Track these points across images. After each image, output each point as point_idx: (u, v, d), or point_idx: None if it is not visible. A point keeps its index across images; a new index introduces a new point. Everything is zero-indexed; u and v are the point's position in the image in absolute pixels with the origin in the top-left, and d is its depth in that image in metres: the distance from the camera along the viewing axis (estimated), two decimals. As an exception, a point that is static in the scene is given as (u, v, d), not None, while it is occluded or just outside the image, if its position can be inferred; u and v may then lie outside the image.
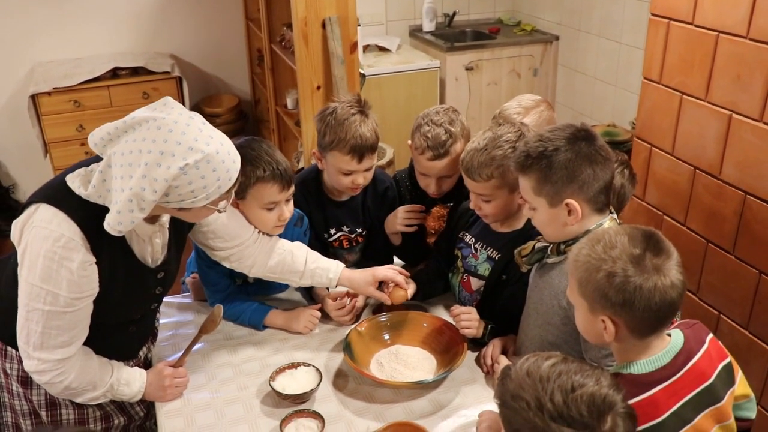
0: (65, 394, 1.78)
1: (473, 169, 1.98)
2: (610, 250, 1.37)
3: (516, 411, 1.18)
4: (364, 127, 2.19)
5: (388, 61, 4.81)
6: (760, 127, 2.15)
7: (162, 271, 1.87)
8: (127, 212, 1.54)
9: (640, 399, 1.37)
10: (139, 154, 1.53)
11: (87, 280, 1.66)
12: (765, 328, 2.27)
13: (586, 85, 4.83)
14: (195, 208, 1.64)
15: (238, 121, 5.08)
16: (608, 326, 1.39)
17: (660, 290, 1.34)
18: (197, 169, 1.55)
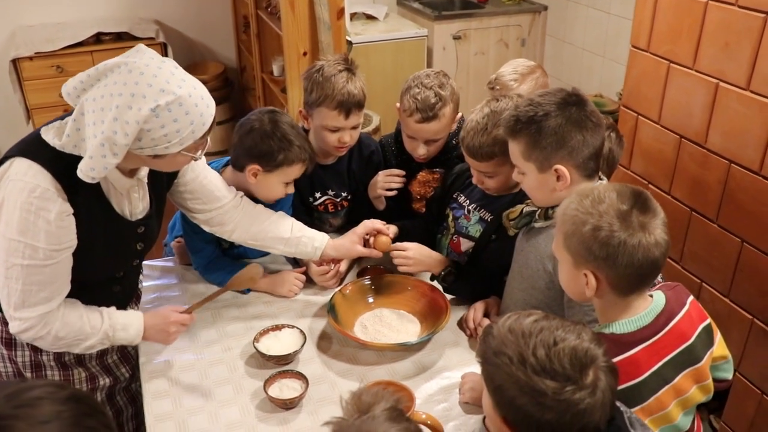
0: (60, 346, 1.75)
1: (476, 150, 1.97)
2: (598, 205, 1.38)
3: (498, 367, 1.18)
4: (351, 84, 2.19)
5: (376, 29, 4.77)
6: (747, 95, 2.14)
7: (142, 226, 1.85)
8: (100, 157, 1.52)
9: (621, 358, 1.39)
10: (111, 98, 1.52)
11: (65, 231, 1.64)
12: (745, 296, 2.29)
13: (574, 56, 4.82)
14: (169, 154, 1.61)
15: (223, 89, 5.03)
16: (590, 281, 1.40)
17: (644, 247, 1.36)
18: (169, 111, 1.53)
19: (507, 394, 1.16)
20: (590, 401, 1.13)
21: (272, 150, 2.05)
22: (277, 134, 2.06)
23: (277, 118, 2.10)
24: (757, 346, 2.27)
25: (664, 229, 1.39)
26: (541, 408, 1.13)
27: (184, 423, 1.72)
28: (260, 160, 2.07)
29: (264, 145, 2.06)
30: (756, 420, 2.33)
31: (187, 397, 1.80)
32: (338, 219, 2.50)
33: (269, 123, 2.08)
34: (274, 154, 2.06)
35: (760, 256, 2.18)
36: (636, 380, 1.40)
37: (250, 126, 2.09)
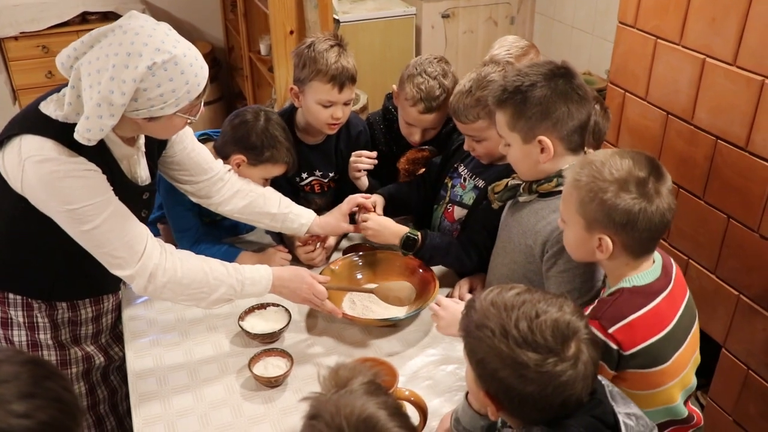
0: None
1: (460, 112, 1.98)
2: (617, 173, 1.42)
3: (481, 340, 1.18)
4: (344, 58, 2.19)
5: (364, 7, 4.72)
6: (733, 71, 2.14)
7: (147, 192, 1.88)
8: (96, 118, 1.52)
9: (646, 310, 1.43)
10: (106, 59, 1.52)
11: (102, 182, 1.67)
12: (731, 272, 2.29)
13: (563, 34, 4.79)
14: (165, 116, 1.61)
15: (211, 69, 4.92)
16: (605, 244, 1.44)
17: (660, 212, 1.41)
18: (165, 70, 1.53)
19: (489, 366, 1.16)
20: (572, 373, 1.13)
21: (262, 145, 2.11)
22: (270, 132, 2.12)
23: (271, 117, 2.17)
24: (743, 322, 2.28)
25: (672, 194, 1.45)
26: (523, 380, 1.13)
27: (169, 403, 1.73)
28: (248, 152, 2.11)
29: (256, 139, 2.11)
30: (742, 395, 2.34)
31: (172, 377, 1.81)
32: (324, 199, 2.49)
33: (264, 120, 2.13)
34: (262, 150, 2.11)
35: (746, 232, 2.18)
36: (663, 332, 1.43)
37: (244, 118, 2.14)
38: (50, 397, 0.97)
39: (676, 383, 1.50)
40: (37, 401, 0.94)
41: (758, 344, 2.23)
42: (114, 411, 2.12)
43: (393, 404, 1.09)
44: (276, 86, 3.65)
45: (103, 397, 2.06)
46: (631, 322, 1.40)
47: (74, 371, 1.96)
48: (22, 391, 0.94)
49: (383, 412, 1.04)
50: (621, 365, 1.41)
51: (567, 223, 1.52)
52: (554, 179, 1.70)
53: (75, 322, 1.95)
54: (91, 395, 2.03)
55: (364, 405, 1.04)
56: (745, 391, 2.33)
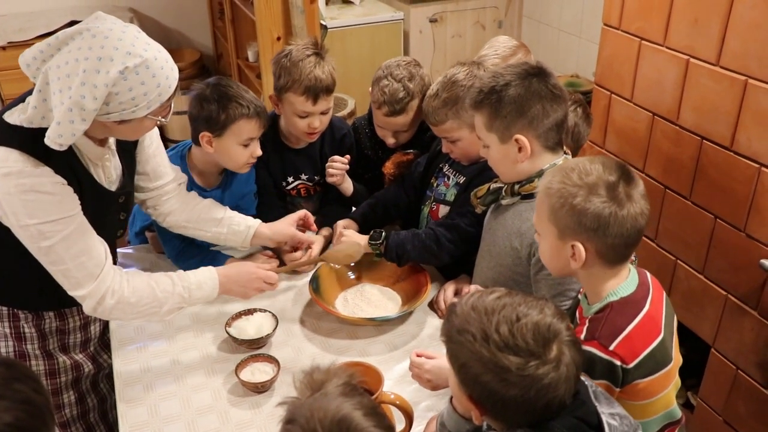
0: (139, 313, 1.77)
1: (429, 114, 2.01)
2: (586, 177, 1.40)
3: (462, 345, 1.17)
4: (319, 69, 2.17)
5: (352, 13, 4.74)
6: (717, 71, 2.15)
7: (122, 195, 1.86)
8: (68, 123, 1.51)
9: (640, 319, 1.41)
10: (77, 63, 1.50)
11: (69, 198, 1.65)
12: (719, 272, 2.30)
13: (550, 37, 4.81)
14: (136, 119, 1.61)
15: (200, 76, 4.99)
16: (578, 252, 1.41)
17: (632, 217, 1.39)
18: (137, 74, 1.53)
19: (471, 371, 1.16)
20: (554, 376, 1.13)
21: (212, 111, 2.05)
22: (215, 95, 2.06)
23: (216, 81, 2.11)
24: (731, 322, 2.28)
25: (645, 199, 1.43)
26: (506, 384, 1.13)
27: (155, 408, 1.72)
28: (206, 125, 2.07)
29: (204, 109, 2.07)
30: (732, 394, 2.34)
31: (159, 383, 1.80)
32: (311, 203, 2.49)
33: (207, 87, 2.09)
34: (214, 115, 2.05)
35: (733, 231, 2.19)
36: (660, 336, 1.43)
37: (195, 92, 2.11)
38: (18, 399, 0.97)
39: (673, 384, 1.50)
40: (4, 403, 0.94)
41: (747, 344, 2.23)
42: (104, 419, 2.10)
43: (369, 404, 1.08)
44: (264, 93, 3.66)
45: (93, 405, 2.05)
46: (629, 334, 1.39)
47: (63, 380, 1.95)
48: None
49: (358, 412, 1.04)
50: (626, 380, 1.39)
51: (541, 234, 1.51)
52: (535, 180, 1.71)
53: (63, 331, 1.94)
54: (80, 404, 2.02)
55: (339, 406, 1.04)
56: (735, 390, 2.33)
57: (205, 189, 2.23)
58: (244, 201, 2.34)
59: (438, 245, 1.99)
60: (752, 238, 2.13)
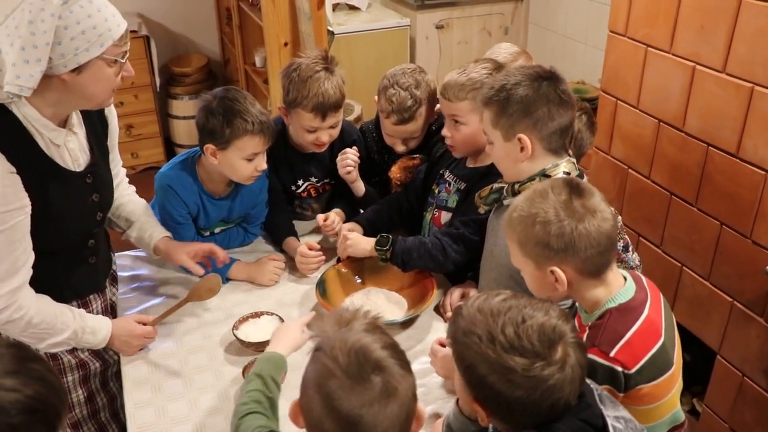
0: (29, 334, 1.73)
1: (449, 89, 2.01)
2: (540, 204, 1.42)
3: (468, 346, 1.18)
4: (328, 84, 2.17)
5: (358, 19, 4.76)
6: (723, 78, 2.16)
7: (89, 175, 1.82)
8: (23, 63, 1.51)
9: (639, 324, 1.42)
10: (22, 13, 1.51)
11: (12, 191, 1.62)
12: (725, 279, 2.30)
13: (556, 43, 4.82)
14: (92, 62, 1.59)
15: (207, 81, 5.01)
16: (558, 275, 1.42)
17: (595, 227, 1.39)
18: (81, 7, 1.54)
19: (477, 372, 1.17)
20: (559, 377, 1.14)
21: (216, 126, 2.05)
22: (220, 109, 2.05)
23: (223, 94, 2.09)
24: (737, 329, 2.28)
25: (605, 202, 1.44)
26: (511, 385, 1.14)
27: (163, 409, 1.73)
28: (211, 138, 2.07)
29: (209, 122, 2.06)
30: (737, 401, 2.35)
31: (167, 384, 1.81)
32: (320, 203, 2.52)
33: (214, 100, 2.08)
34: (219, 129, 2.05)
35: (739, 238, 2.20)
36: (661, 340, 1.43)
37: (201, 104, 2.10)
38: (34, 376, 0.99)
39: (677, 387, 1.51)
40: (22, 378, 0.97)
41: (753, 350, 2.24)
42: (116, 419, 2.09)
43: (388, 340, 1.17)
44: (271, 98, 3.68)
45: (103, 405, 2.05)
46: (629, 339, 1.39)
47: (71, 379, 1.94)
48: (8, 369, 0.97)
49: (377, 344, 1.13)
50: (629, 385, 1.39)
51: (522, 270, 1.52)
52: (536, 179, 1.72)
53: None
54: (90, 403, 2.01)
55: (360, 339, 1.14)
56: (741, 397, 2.33)
57: (213, 197, 2.23)
58: (255, 210, 2.36)
59: (444, 255, 2.01)
60: (758, 244, 2.13)
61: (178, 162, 2.22)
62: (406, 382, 1.13)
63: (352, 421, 1.08)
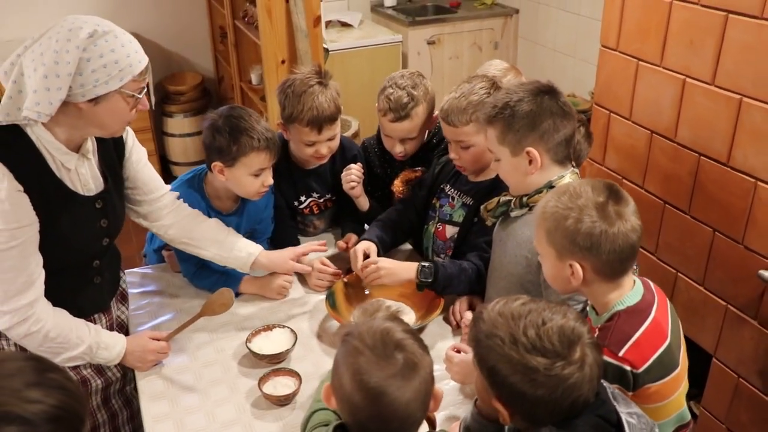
0: (46, 348, 1.77)
1: (452, 114, 2.06)
2: (576, 200, 1.48)
3: (491, 348, 1.25)
4: (323, 98, 2.23)
5: (351, 36, 4.83)
6: (712, 90, 2.23)
7: (99, 200, 1.86)
8: (44, 90, 1.56)
9: (647, 325, 1.49)
10: (48, 41, 1.58)
11: (21, 209, 1.66)
12: (719, 284, 2.36)
13: (546, 57, 4.92)
14: (110, 96, 1.64)
15: (202, 99, 5.06)
16: (576, 270, 1.49)
17: (623, 234, 1.46)
18: (106, 41, 1.60)
19: (500, 373, 1.24)
20: (579, 375, 1.20)
21: (223, 144, 2.10)
22: (227, 127, 2.09)
23: (229, 113, 2.14)
24: (732, 332, 2.35)
25: (636, 216, 1.50)
26: (534, 384, 1.21)
27: (181, 422, 1.77)
28: (218, 156, 2.12)
29: (216, 140, 2.11)
30: (734, 403, 2.40)
31: (183, 398, 1.85)
32: (322, 220, 2.57)
33: (220, 118, 2.13)
34: (226, 148, 2.10)
35: (731, 244, 2.26)
36: (667, 341, 1.50)
37: (207, 123, 2.16)
38: (55, 386, 1.03)
39: (683, 386, 1.57)
40: (44, 389, 1.00)
41: (747, 352, 2.30)
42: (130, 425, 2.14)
43: (407, 327, 1.33)
44: (268, 115, 3.73)
45: (103, 422, 2.07)
46: (637, 340, 1.46)
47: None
48: (29, 381, 1.00)
49: (398, 328, 1.29)
50: (638, 384, 1.46)
51: (542, 256, 1.59)
52: (544, 191, 1.79)
53: None
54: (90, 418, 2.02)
55: (383, 324, 1.30)
56: (737, 399, 2.39)
57: (221, 213, 2.28)
58: (261, 225, 2.40)
59: (481, 279, 2.07)
60: (750, 249, 2.20)
61: (186, 180, 2.27)
62: (425, 360, 1.26)
63: (379, 392, 1.21)
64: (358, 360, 1.24)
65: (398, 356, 1.24)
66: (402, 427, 1.26)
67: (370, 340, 1.26)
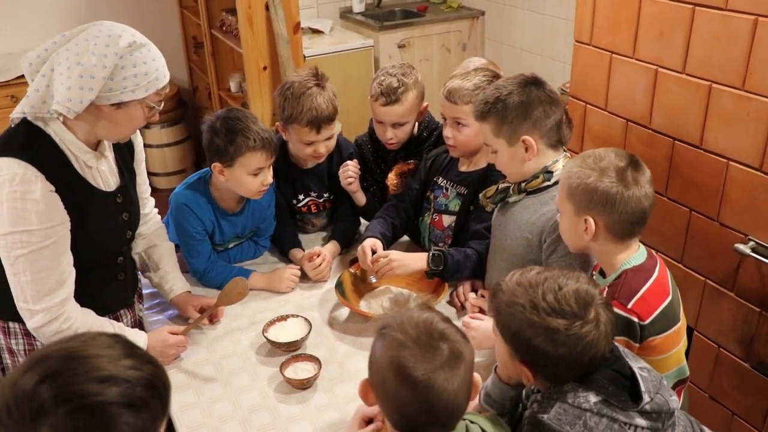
0: None
1: (456, 93, 2.18)
2: (600, 162, 1.64)
3: (513, 315, 1.37)
4: (321, 99, 2.33)
5: (323, 42, 4.93)
6: (683, 78, 2.36)
7: (120, 195, 1.95)
8: (78, 89, 1.64)
9: (651, 282, 1.64)
10: (86, 43, 1.66)
11: (54, 208, 1.73)
12: (697, 260, 2.49)
13: (513, 57, 5.06)
14: (133, 103, 1.73)
15: (178, 109, 5.10)
16: (590, 225, 1.64)
17: (636, 198, 1.62)
18: (141, 53, 1.70)
19: (524, 337, 1.36)
20: (595, 333, 1.33)
21: (221, 145, 2.18)
22: (223, 129, 2.18)
23: (225, 114, 2.23)
24: (711, 305, 2.48)
25: (651, 185, 1.67)
26: (555, 344, 1.33)
27: (208, 410, 1.85)
28: (217, 156, 2.20)
29: (213, 142, 2.20)
30: (715, 371, 2.54)
31: (207, 388, 1.93)
32: (321, 219, 2.66)
33: (218, 120, 2.22)
34: (223, 149, 2.18)
35: (707, 221, 2.39)
36: (669, 297, 1.66)
37: (205, 125, 2.25)
38: (145, 359, 1.11)
39: (683, 342, 1.72)
40: (137, 360, 1.09)
41: (726, 323, 2.43)
42: None
43: (444, 316, 1.36)
44: (252, 121, 3.80)
45: None
46: (644, 294, 1.62)
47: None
48: (123, 353, 1.08)
49: (437, 317, 1.33)
50: (644, 335, 1.61)
51: (561, 212, 1.74)
52: (540, 176, 1.92)
53: None
54: None
55: (422, 314, 1.33)
56: (718, 367, 2.53)
57: (227, 212, 2.36)
58: (265, 224, 2.49)
59: (482, 265, 2.19)
60: (725, 225, 2.32)
61: (192, 182, 2.35)
62: (467, 348, 1.30)
63: (428, 384, 1.22)
64: (402, 353, 1.24)
65: (443, 347, 1.25)
66: (450, 417, 1.28)
67: (414, 332, 1.26)
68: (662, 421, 1.36)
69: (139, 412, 1.03)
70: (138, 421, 1.02)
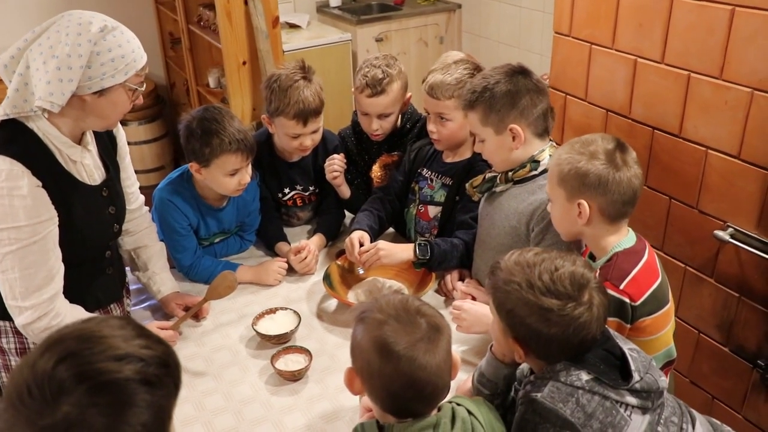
0: None
1: (438, 88, 2.19)
2: (588, 146, 1.67)
3: (509, 293, 1.40)
4: (308, 92, 2.34)
5: (301, 36, 4.93)
6: (662, 68, 2.41)
7: (105, 188, 1.93)
8: (57, 82, 1.63)
9: (642, 264, 1.67)
10: (58, 35, 1.65)
11: (41, 203, 1.72)
12: (677, 247, 2.54)
13: (490, 49, 5.09)
14: (113, 89, 1.72)
15: (155, 106, 5.07)
16: (583, 209, 1.67)
17: (627, 178, 1.66)
18: (114, 36, 1.68)
19: (518, 315, 1.39)
20: (588, 315, 1.36)
21: (196, 146, 2.18)
22: (199, 130, 2.18)
23: (202, 115, 2.22)
24: (691, 290, 2.53)
25: (638, 165, 1.71)
26: (548, 323, 1.36)
27: (201, 404, 1.86)
28: (194, 157, 2.21)
29: (189, 143, 2.20)
30: (696, 356, 2.59)
31: (198, 382, 1.93)
32: (306, 212, 2.67)
33: (194, 120, 2.21)
34: (199, 150, 2.18)
35: (686, 209, 2.44)
36: (659, 279, 1.70)
37: (182, 126, 2.24)
38: (157, 340, 1.12)
39: (671, 323, 1.75)
40: (149, 340, 1.10)
41: (706, 308, 2.48)
42: None
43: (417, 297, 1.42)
44: (232, 116, 3.79)
45: None
46: (635, 276, 1.65)
47: None
48: (135, 333, 1.10)
49: (412, 298, 1.38)
50: (635, 316, 1.64)
51: (552, 200, 1.76)
52: (527, 165, 1.95)
53: None
54: None
55: (396, 296, 1.38)
56: (698, 352, 2.58)
57: (211, 207, 2.37)
58: (250, 218, 2.50)
59: (469, 254, 2.21)
60: (704, 213, 2.37)
61: (174, 178, 2.35)
62: (444, 323, 1.35)
63: (410, 357, 1.26)
64: (383, 330, 1.28)
65: (421, 321, 1.30)
66: (434, 392, 1.31)
67: (392, 310, 1.31)
68: (652, 400, 1.39)
69: (155, 389, 1.05)
70: (154, 398, 1.05)
